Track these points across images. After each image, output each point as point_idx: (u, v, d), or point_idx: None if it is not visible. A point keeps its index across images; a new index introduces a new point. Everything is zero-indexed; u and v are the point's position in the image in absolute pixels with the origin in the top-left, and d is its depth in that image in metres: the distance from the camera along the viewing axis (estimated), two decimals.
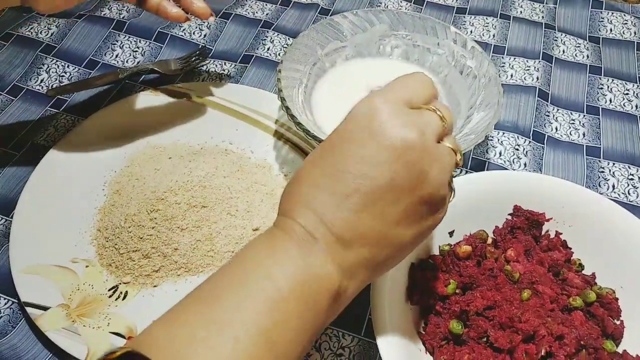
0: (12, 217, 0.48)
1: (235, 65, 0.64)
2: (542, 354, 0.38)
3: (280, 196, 0.32)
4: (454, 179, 0.34)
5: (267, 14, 0.70)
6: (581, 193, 0.45)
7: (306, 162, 0.31)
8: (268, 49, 0.66)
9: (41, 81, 0.61)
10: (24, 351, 0.41)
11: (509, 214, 0.46)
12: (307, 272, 0.28)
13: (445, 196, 0.32)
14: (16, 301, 0.44)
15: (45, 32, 0.66)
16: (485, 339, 0.39)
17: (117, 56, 0.64)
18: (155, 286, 0.44)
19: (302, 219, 0.29)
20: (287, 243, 0.29)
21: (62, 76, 0.62)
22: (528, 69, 0.64)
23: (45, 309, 0.42)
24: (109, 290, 0.44)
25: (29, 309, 0.41)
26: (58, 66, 0.63)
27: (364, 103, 0.30)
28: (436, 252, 0.44)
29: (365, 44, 0.58)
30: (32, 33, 0.66)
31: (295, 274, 0.27)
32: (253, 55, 0.65)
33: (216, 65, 0.64)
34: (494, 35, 0.69)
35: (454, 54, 0.55)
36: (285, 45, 0.66)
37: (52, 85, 0.61)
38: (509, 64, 0.65)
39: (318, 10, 0.71)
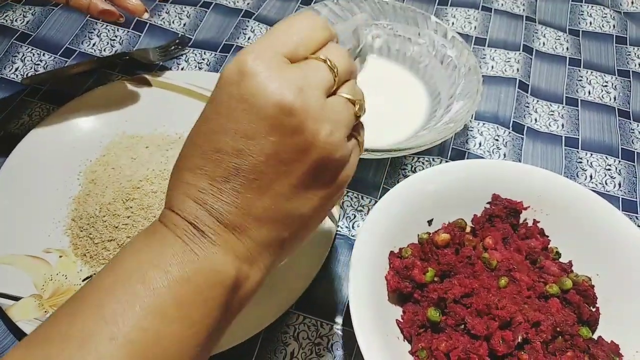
0: None
1: (216, 54, 0.63)
2: (519, 340, 0.39)
3: None
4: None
5: (248, 4, 0.69)
6: (558, 181, 0.45)
7: (186, 141, 0.28)
8: (249, 38, 0.65)
9: (16, 69, 0.60)
10: None
11: (487, 203, 0.46)
12: (191, 269, 0.25)
13: (344, 156, 0.28)
14: None
15: (20, 20, 0.64)
16: (462, 326, 0.39)
17: (94, 45, 0.63)
18: None
19: (183, 210, 0.26)
20: (167, 239, 0.26)
21: (38, 64, 0.61)
22: (509, 61, 0.65)
23: (16, 299, 0.41)
24: (83, 280, 0.43)
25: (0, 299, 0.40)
26: (33, 54, 0.61)
27: (233, 63, 0.26)
28: (415, 240, 0.44)
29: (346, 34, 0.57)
30: (7, 20, 0.64)
31: (175, 272, 0.24)
32: (233, 45, 0.64)
33: (196, 55, 0.63)
34: (475, 27, 0.69)
35: (434, 44, 0.55)
36: None
37: (27, 74, 0.60)
38: (490, 56, 0.65)
39: (299, 1, 0.70)
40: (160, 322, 0.23)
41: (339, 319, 0.43)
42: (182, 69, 0.61)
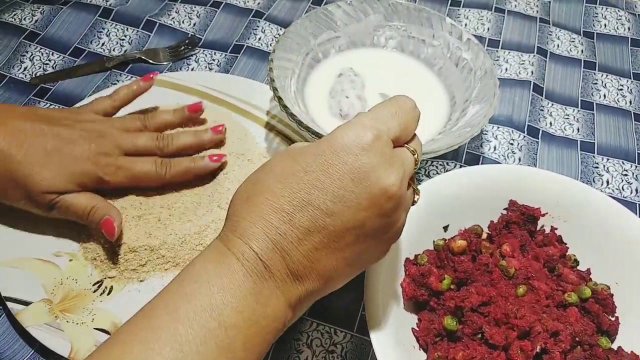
0: None
1: (226, 55, 0.62)
2: (537, 350, 0.38)
3: None
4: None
5: (258, 4, 0.69)
6: (577, 188, 0.45)
7: (272, 172, 0.29)
8: (259, 39, 0.64)
9: (24, 69, 0.59)
10: (4, 347, 0.40)
11: (504, 209, 0.45)
12: (259, 313, 0.27)
13: (400, 231, 0.32)
14: None
15: (29, 19, 0.64)
16: (479, 336, 0.39)
17: (103, 44, 0.63)
18: (141, 281, 0.43)
19: (258, 246, 0.27)
20: (238, 272, 0.27)
21: (46, 64, 0.60)
22: (523, 63, 0.64)
23: (26, 303, 0.40)
24: (93, 285, 0.42)
25: (9, 304, 0.40)
26: (42, 54, 0.61)
27: (352, 132, 0.28)
28: (430, 247, 0.44)
29: (359, 35, 0.56)
30: (15, 19, 0.63)
31: (246, 314, 0.26)
32: (244, 45, 0.63)
33: (206, 55, 0.62)
34: (488, 29, 0.68)
35: (449, 46, 0.54)
36: (277, 36, 0.65)
37: (35, 74, 0.59)
38: (504, 58, 0.64)
39: (310, 1, 0.70)
40: (226, 352, 0.25)
41: (353, 327, 0.43)
42: (192, 69, 0.61)
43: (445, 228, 0.45)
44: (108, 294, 0.42)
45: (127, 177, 0.43)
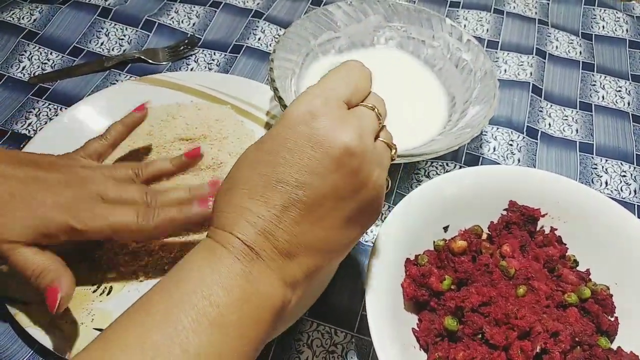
0: None
1: (225, 55, 0.62)
2: (537, 350, 0.38)
3: None
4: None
5: (257, 4, 0.69)
6: (576, 189, 0.45)
7: (242, 165, 0.30)
8: (259, 39, 0.64)
9: (23, 68, 0.59)
10: (3, 347, 0.40)
11: (504, 209, 0.45)
12: (250, 290, 0.27)
13: (383, 194, 0.32)
14: None
15: (27, 18, 0.63)
16: (480, 336, 0.39)
17: (102, 44, 0.62)
18: (141, 281, 0.43)
19: (241, 233, 0.28)
20: (227, 259, 0.27)
21: (45, 63, 0.60)
22: (522, 65, 0.64)
23: (25, 304, 0.40)
24: (92, 285, 0.42)
25: (8, 304, 0.39)
26: (41, 53, 0.60)
27: (301, 104, 0.29)
28: (430, 247, 0.44)
29: (359, 35, 0.57)
30: (13, 18, 0.63)
31: (237, 293, 0.26)
32: (243, 45, 0.63)
33: (205, 55, 0.62)
34: (487, 30, 0.68)
35: (449, 47, 0.54)
36: (277, 36, 0.65)
37: (34, 73, 0.59)
38: (503, 59, 0.64)
39: (310, 1, 0.70)
40: (223, 338, 0.25)
41: (354, 327, 0.43)
42: (191, 69, 0.60)
43: (446, 228, 0.45)
44: (107, 294, 0.42)
45: (103, 227, 0.37)
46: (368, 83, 0.32)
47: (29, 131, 0.53)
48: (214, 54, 0.62)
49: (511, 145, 0.56)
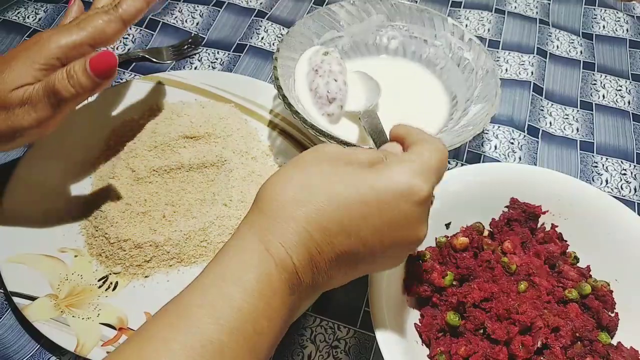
0: None
1: (229, 54, 0.63)
2: (538, 345, 0.38)
3: None
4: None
5: (261, 3, 0.69)
6: (577, 186, 0.45)
7: (326, 188, 0.29)
8: (262, 38, 0.65)
9: None
10: (10, 342, 0.40)
11: (505, 206, 0.46)
12: (287, 319, 0.29)
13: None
14: (1, 291, 0.43)
15: (32, 17, 0.64)
16: (482, 331, 0.39)
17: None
18: (146, 276, 0.43)
19: (298, 259, 0.28)
20: (275, 282, 0.27)
21: None
22: (523, 64, 0.64)
23: (32, 298, 0.40)
24: (98, 280, 0.43)
25: (15, 299, 0.40)
26: None
27: (419, 188, 0.30)
28: (433, 244, 0.44)
29: (362, 34, 0.57)
30: (19, 17, 0.64)
31: (279, 324, 0.28)
32: (247, 45, 0.64)
33: (209, 54, 0.62)
34: (488, 30, 0.69)
35: (451, 46, 0.54)
36: (280, 36, 0.65)
37: None
38: (504, 59, 0.65)
39: (312, 1, 0.70)
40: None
41: (357, 322, 0.43)
42: (195, 68, 0.61)
43: (447, 225, 0.45)
44: (113, 289, 0.42)
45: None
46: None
47: None
48: (218, 53, 0.63)
49: (512, 143, 0.56)
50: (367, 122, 0.46)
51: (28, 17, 0.64)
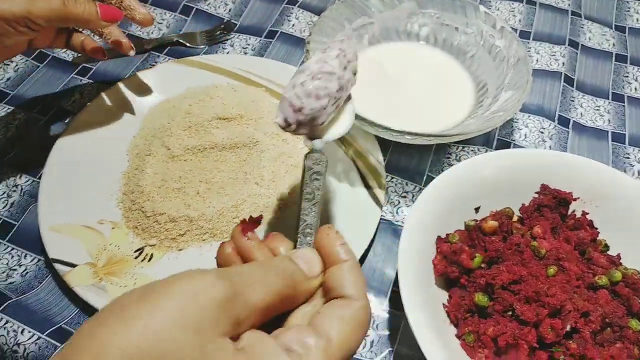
0: (39, 178, 0.48)
1: (260, 40, 0.64)
2: (567, 329, 0.38)
3: None
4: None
5: None
6: (609, 174, 0.45)
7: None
8: (293, 25, 0.65)
9: (66, 49, 0.61)
10: (51, 305, 0.42)
11: (535, 192, 0.46)
12: None
13: None
14: (42, 259, 0.45)
15: None
16: (510, 313, 0.39)
17: (141, 27, 0.64)
18: (180, 249, 0.44)
19: None
20: None
21: None
22: (554, 55, 0.64)
23: (72, 265, 0.42)
24: (135, 251, 0.44)
25: (56, 265, 0.42)
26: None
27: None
28: (461, 227, 0.44)
29: (393, 21, 0.57)
30: None
31: None
32: (278, 31, 0.64)
33: (241, 40, 0.64)
34: (519, 20, 0.68)
35: (482, 34, 0.54)
36: (310, 23, 0.66)
37: (77, 54, 0.61)
38: (535, 49, 0.65)
39: None
40: None
41: (384, 301, 0.44)
42: (227, 53, 0.62)
43: (477, 209, 0.45)
44: (149, 260, 0.44)
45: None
46: None
47: (74, 108, 0.55)
48: (249, 39, 0.64)
49: (542, 132, 0.56)
50: (308, 173, 0.34)
51: None
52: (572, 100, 0.60)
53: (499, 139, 0.55)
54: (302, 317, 0.27)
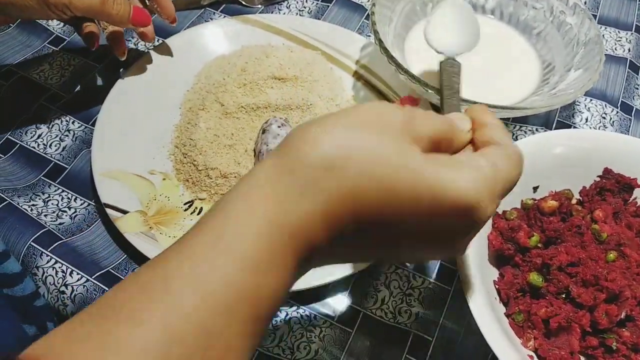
0: (92, 125, 0.48)
1: (317, 3, 0.62)
2: (622, 316, 0.37)
3: None
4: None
5: None
6: None
7: (372, 174, 0.23)
8: None
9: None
10: (99, 248, 0.42)
11: (597, 176, 0.44)
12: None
13: None
14: (92, 203, 0.45)
15: None
16: (564, 295, 0.38)
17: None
18: None
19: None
20: (284, 271, 0.23)
21: None
22: (619, 40, 0.61)
23: (124, 212, 0.42)
24: (184, 204, 0.44)
25: (108, 210, 0.42)
26: None
27: (478, 198, 0.24)
28: (518, 205, 0.43)
29: None
30: None
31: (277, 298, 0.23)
32: None
33: (297, 2, 0.62)
34: (585, 2, 0.65)
35: (552, 10, 0.52)
36: None
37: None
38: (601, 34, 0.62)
39: None
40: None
41: (432, 274, 0.43)
42: (283, 14, 0.61)
43: (535, 189, 0.44)
44: (198, 213, 0.43)
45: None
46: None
47: (129, 58, 0.55)
48: (307, 1, 0.62)
49: (604, 118, 0.54)
50: (446, 73, 0.40)
51: None
52: (636, 88, 0.57)
53: (559, 120, 0.53)
54: None
